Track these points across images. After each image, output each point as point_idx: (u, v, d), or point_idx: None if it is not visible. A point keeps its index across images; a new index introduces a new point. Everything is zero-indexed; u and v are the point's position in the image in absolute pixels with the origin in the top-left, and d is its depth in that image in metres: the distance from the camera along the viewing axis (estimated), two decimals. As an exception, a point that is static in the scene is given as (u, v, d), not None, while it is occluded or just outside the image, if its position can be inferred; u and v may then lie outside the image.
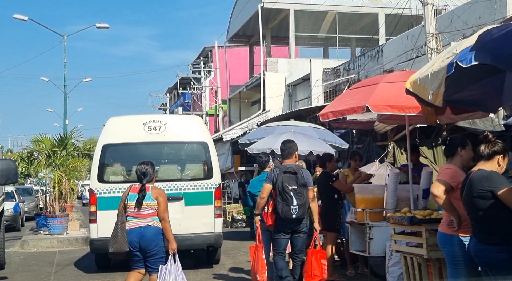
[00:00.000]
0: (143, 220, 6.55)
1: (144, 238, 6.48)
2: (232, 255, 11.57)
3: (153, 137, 9.84)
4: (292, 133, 13.14)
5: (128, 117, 10.59)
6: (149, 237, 6.48)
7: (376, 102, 6.90)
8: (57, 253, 12.80)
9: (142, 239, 6.48)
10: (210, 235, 9.69)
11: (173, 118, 12.74)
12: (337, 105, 7.58)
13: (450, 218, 4.82)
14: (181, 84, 46.91)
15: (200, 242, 9.70)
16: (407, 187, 7.80)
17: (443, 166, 5.06)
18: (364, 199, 7.76)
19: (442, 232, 4.94)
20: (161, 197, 6.63)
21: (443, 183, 4.81)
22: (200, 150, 10.12)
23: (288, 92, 30.49)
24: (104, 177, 9.71)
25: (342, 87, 25.15)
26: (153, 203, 6.56)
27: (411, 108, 6.78)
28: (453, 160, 5.07)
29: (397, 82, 7.15)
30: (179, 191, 9.76)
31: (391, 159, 12.10)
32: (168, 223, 6.61)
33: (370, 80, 8.53)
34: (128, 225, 6.54)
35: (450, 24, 17.22)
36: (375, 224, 7.56)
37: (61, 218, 14.65)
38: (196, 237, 9.59)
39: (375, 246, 7.50)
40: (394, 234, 6.49)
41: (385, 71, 22.50)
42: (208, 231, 9.69)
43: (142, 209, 6.54)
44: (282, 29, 33.77)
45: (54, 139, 15.22)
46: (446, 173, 4.90)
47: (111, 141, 9.79)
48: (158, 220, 6.59)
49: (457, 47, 5.44)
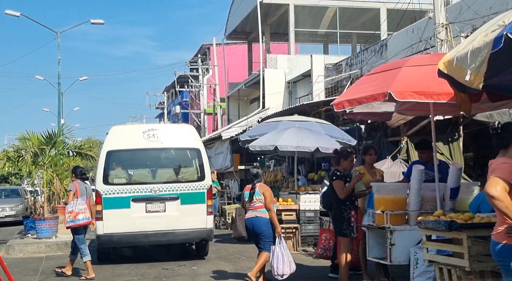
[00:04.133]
0: (254, 212, 8.34)
1: (255, 226, 8.28)
2: (233, 261, 10.67)
3: (151, 144, 11.04)
4: (297, 129, 12.31)
5: (129, 126, 12.24)
6: (258, 225, 8.28)
7: (400, 88, 6.00)
8: (44, 259, 11.86)
9: (254, 227, 8.30)
10: (203, 230, 10.88)
11: (169, 127, 15.00)
12: (354, 93, 6.67)
13: (510, 225, 3.92)
14: (178, 82, 46.13)
15: (194, 236, 10.97)
16: (432, 185, 6.89)
17: (497, 161, 4.12)
18: (384, 200, 6.85)
19: (501, 242, 4.02)
20: (267, 192, 8.41)
21: (502, 181, 3.91)
22: (193, 155, 11.34)
23: (288, 89, 29.90)
24: (109, 180, 10.79)
25: (344, 83, 24.50)
26: (260, 198, 8.33)
27: (441, 94, 5.89)
28: (508, 152, 4.17)
29: (423, 66, 6.28)
30: (176, 192, 10.87)
31: (405, 155, 11.20)
32: (273, 212, 8.37)
33: (392, 64, 7.61)
34: (246, 216, 8.43)
35: (459, 15, 16.45)
36: (397, 228, 6.66)
37: (50, 221, 13.67)
38: (191, 232, 10.83)
39: (398, 253, 6.61)
40: (426, 242, 5.56)
41: (390, 66, 21.86)
42: (202, 226, 10.84)
43: (253, 202, 8.36)
44: (281, 25, 33.20)
45: (42, 136, 14.23)
46: (504, 169, 3.98)
47: (114, 148, 10.91)
48: (266, 211, 8.31)
49: (504, 18, 4.57)
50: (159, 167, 11.57)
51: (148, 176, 11.42)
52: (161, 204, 10.73)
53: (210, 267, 10.15)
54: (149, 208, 10.67)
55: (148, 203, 10.66)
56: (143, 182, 10.97)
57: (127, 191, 10.68)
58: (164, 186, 10.80)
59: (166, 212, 10.71)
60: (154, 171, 11.50)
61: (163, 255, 11.60)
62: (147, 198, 10.65)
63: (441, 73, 5.05)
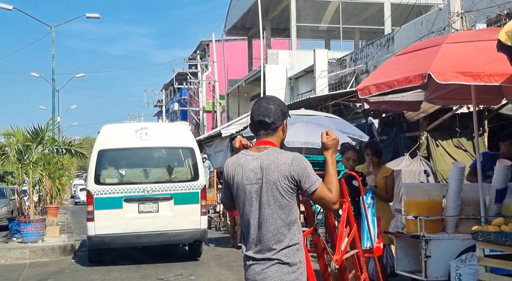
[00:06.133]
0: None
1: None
2: (236, 269, 9.57)
3: (144, 143, 10.77)
4: (305, 123, 11.27)
5: (121, 125, 11.96)
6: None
7: (442, 69, 4.94)
8: (27, 267, 10.72)
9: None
10: (197, 230, 10.60)
11: (161, 126, 14.55)
12: (382, 76, 5.60)
13: None
14: (177, 80, 45.11)
15: (188, 237, 10.66)
16: (475, 186, 5.84)
17: None
18: (416, 203, 5.79)
19: None
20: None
21: None
22: (187, 154, 11.09)
23: (290, 86, 29.12)
24: (100, 179, 10.49)
25: (348, 79, 23.71)
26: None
27: (492, 76, 4.83)
28: None
29: (467, 42, 5.25)
30: (169, 192, 10.57)
31: (425, 152, 10.18)
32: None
33: (427, 41, 6.57)
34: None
35: (472, 5, 15.54)
36: (433, 236, 5.60)
37: (36, 224, 12.54)
38: (184, 232, 10.54)
39: (435, 267, 5.54)
40: (484, 258, 4.49)
41: (397, 60, 20.97)
42: (195, 227, 10.58)
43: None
44: (282, 21, 32.52)
45: (28, 132, 13.10)
46: None
47: (106, 147, 10.66)
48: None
49: None
50: (152, 167, 11.37)
51: (140, 175, 11.16)
52: (154, 205, 10.48)
53: (210, 278, 9.08)
54: (142, 209, 10.43)
55: (141, 203, 10.42)
56: (135, 182, 10.70)
57: (119, 191, 10.43)
58: (157, 186, 10.55)
59: (159, 213, 10.49)
60: (146, 170, 11.29)
61: (157, 258, 11.03)
62: (139, 198, 10.40)
63: (502, 45, 4.03)
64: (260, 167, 3.02)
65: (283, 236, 2.98)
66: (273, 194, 3.00)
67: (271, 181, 2.99)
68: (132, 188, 10.40)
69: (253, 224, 3.04)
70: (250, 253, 3.06)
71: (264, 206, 2.99)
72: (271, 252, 2.98)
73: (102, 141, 10.79)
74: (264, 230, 2.99)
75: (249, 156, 3.10)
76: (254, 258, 3.04)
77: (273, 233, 2.98)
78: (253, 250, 3.05)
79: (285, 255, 2.97)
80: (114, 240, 10.30)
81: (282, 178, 2.98)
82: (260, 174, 3.02)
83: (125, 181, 10.80)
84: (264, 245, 3.01)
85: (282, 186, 2.98)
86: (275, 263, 2.97)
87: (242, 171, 3.08)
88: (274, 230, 2.98)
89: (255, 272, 3.01)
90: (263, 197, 3.00)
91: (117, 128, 11.52)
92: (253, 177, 3.03)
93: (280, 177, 2.98)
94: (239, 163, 3.11)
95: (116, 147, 10.81)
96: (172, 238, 10.56)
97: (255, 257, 3.03)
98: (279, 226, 2.98)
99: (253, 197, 3.04)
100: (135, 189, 10.39)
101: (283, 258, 2.97)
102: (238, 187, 3.10)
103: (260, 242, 3.02)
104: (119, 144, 10.81)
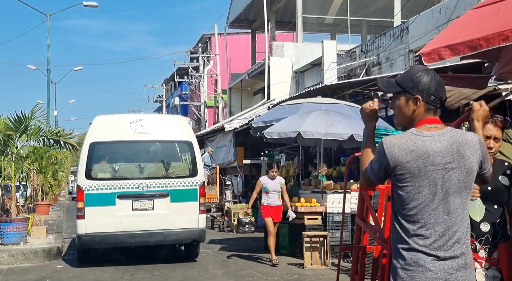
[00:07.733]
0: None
1: None
2: (246, 279, 8.21)
3: (139, 136, 10.22)
4: (324, 112, 9.96)
5: (115, 116, 11.00)
6: None
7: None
8: (3, 274, 9.22)
9: None
10: (195, 230, 10.04)
11: (158, 118, 13.41)
12: (458, 35, 4.15)
13: None
14: (178, 74, 43.81)
15: (185, 237, 10.11)
16: None
17: None
18: None
19: None
20: None
21: None
22: (185, 149, 10.55)
23: (295, 79, 27.90)
24: (92, 174, 9.95)
25: (358, 71, 22.47)
26: None
27: None
28: None
29: None
30: (165, 188, 10.05)
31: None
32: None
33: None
34: None
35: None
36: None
37: (18, 223, 11.16)
38: (181, 232, 9.99)
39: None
40: None
41: (411, 51, 19.73)
42: (193, 226, 10.03)
43: None
44: (287, 13, 31.67)
45: (10, 119, 11.68)
46: None
47: (98, 139, 10.09)
48: None
49: None
50: (147, 161, 10.73)
51: (135, 170, 10.47)
52: (149, 202, 9.89)
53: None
54: (136, 206, 9.86)
55: (135, 200, 9.85)
56: (129, 177, 10.08)
57: (112, 187, 9.84)
58: (153, 182, 10.00)
59: (154, 210, 9.91)
60: (141, 165, 10.63)
61: (153, 259, 10.36)
62: (134, 195, 9.83)
63: None
64: (449, 150, 2.62)
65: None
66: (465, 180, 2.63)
67: (466, 166, 2.64)
68: (126, 184, 9.80)
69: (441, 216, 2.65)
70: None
71: (455, 195, 2.62)
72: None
73: (94, 133, 10.16)
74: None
75: (427, 137, 2.64)
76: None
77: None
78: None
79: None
80: (106, 239, 9.73)
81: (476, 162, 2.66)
82: (449, 157, 2.62)
83: (118, 176, 10.21)
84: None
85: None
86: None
87: (422, 154, 2.60)
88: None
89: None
90: (452, 184, 2.62)
91: (110, 119, 10.68)
92: (440, 162, 2.61)
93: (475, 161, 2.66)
94: (415, 145, 2.61)
95: (109, 139, 10.21)
96: (168, 238, 10.01)
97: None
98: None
99: (438, 185, 2.60)
100: (129, 185, 9.80)
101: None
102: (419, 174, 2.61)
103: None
104: (113, 136, 10.20)
